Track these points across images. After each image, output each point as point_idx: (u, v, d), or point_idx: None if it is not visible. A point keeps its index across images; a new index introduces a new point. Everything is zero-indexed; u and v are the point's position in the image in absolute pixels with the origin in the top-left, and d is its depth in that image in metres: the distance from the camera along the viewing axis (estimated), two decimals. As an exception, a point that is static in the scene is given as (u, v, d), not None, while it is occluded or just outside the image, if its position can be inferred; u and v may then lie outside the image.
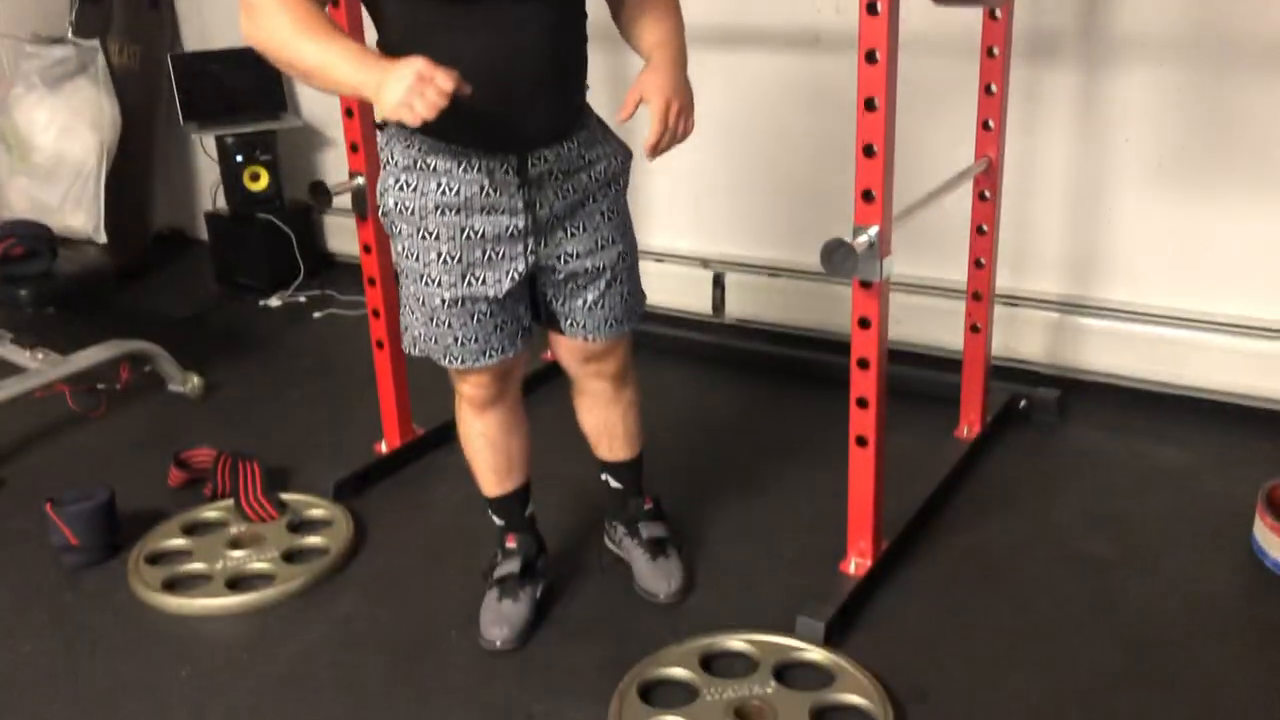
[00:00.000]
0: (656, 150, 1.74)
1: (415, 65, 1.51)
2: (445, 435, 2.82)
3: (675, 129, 1.74)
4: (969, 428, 2.70)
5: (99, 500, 2.38)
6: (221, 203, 4.16)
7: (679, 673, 1.95)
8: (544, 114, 1.77)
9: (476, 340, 1.90)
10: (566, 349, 2.04)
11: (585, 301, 1.92)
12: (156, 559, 2.39)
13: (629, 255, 1.95)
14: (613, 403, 2.13)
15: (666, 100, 1.72)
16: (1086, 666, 1.96)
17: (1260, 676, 1.91)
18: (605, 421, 2.16)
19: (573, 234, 1.86)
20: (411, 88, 1.50)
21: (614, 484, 2.24)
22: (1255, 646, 1.99)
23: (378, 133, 1.85)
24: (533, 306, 1.95)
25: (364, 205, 2.53)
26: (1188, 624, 2.06)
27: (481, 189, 1.78)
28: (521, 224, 1.81)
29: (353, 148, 2.51)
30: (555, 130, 1.80)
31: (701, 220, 3.43)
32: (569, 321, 1.95)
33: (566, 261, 1.87)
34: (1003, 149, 2.49)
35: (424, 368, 1.95)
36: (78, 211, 3.92)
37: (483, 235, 1.81)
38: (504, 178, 1.78)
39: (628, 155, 1.93)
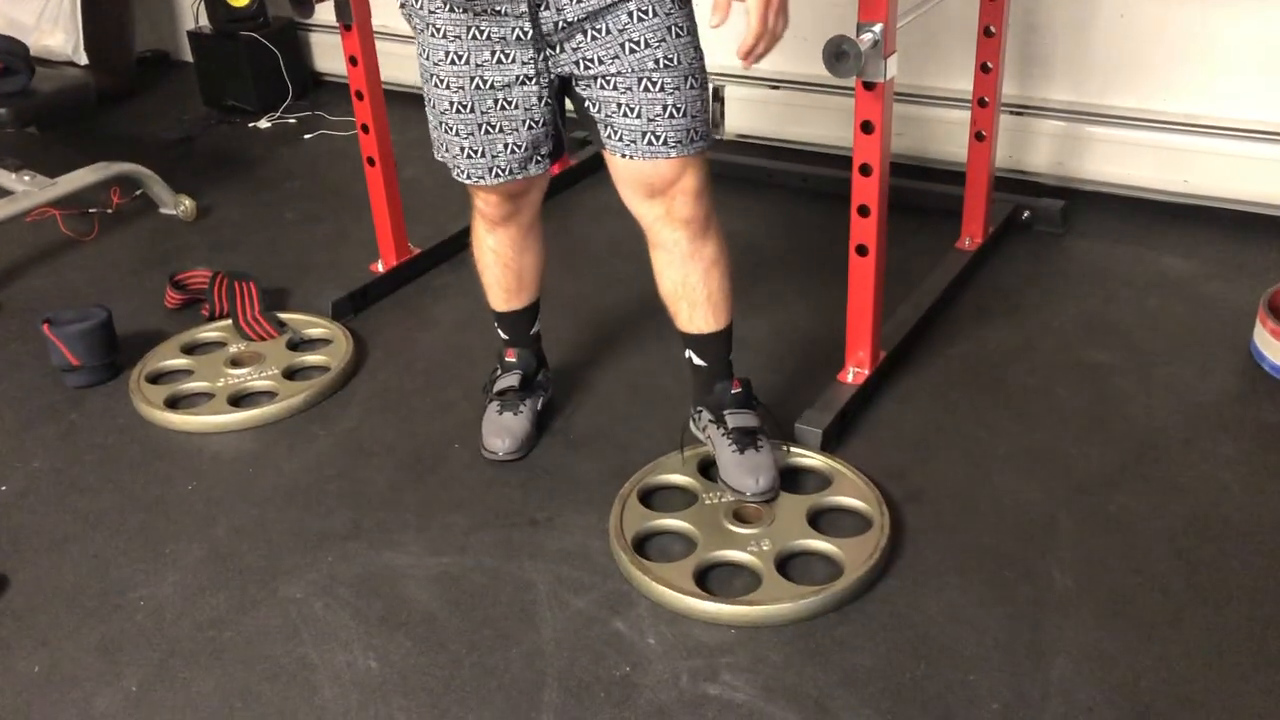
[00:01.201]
0: (753, 54, 1.60)
1: None
2: (442, 255, 2.80)
3: (775, 30, 1.60)
4: (971, 239, 2.67)
5: (96, 320, 2.38)
6: (204, 21, 4.02)
7: (678, 479, 1.98)
8: None
9: (483, 155, 1.82)
10: (621, 179, 1.82)
11: (620, 105, 1.72)
12: (158, 378, 2.40)
13: (676, 66, 1.70)
14: (690, 259, 1.85)
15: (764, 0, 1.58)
16: (1081, 468, 1.99)
17: (1255, 478, 1.94)
18: (682, 282, 1.88)
19: (594, 36, 1.68)
20: None
21: (696, 361, 1.97)
22: (1251, 448, 2.01)
23: None
24: (590, 126, 1.80)
25: (348, 13, 2.43)
26: (1184, 427, 2.08)
27: None
28: (527, 28, 1.68)
29: (334, -49, 2.40)
30: None
31: (700, 31, 3.30)
32: (606, 130, 1.75)
33: (587, 67, 1.70)
34: (1014, -56, 2.38)
35: (418, 187, 1.91)
36: (55, 30, 3.78)
37: (489, 36, 1.71)
38: None
39: None
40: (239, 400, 2.31)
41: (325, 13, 2.45)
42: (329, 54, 4.13)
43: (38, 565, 1.91)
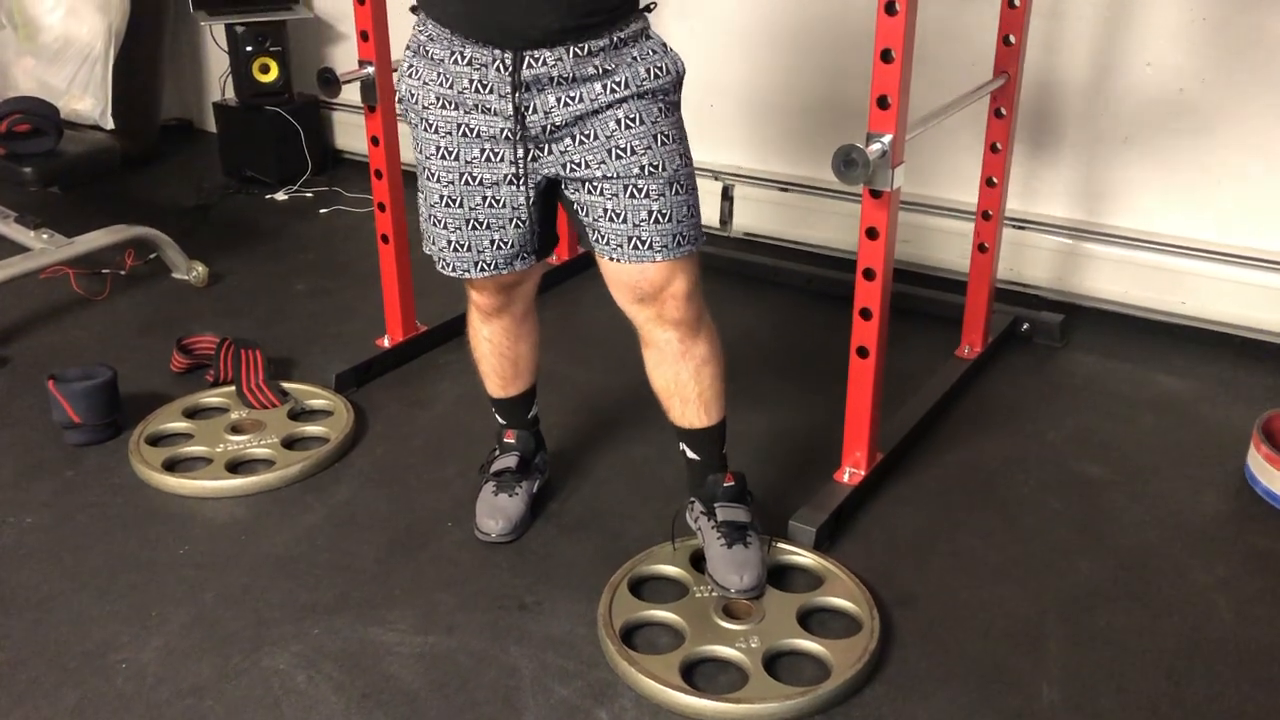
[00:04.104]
0: None
1: None
2: (448, 333, 2.84)
3: None
4: (970, 348, 2.71)
5: (101, 379, 2.40)
6: (230, 94, 4.12)
7: (670, 570, 1.98)
8: (544, 10, 1.62)
9: (469, 249, 1.84)
10: (611, 280, 1.84)
11: (606, 211, 1.74)
12: (157, 440, 2.42)
13: (662, 171, 1.72)
14: (681, 359, 1.87)
15: None
16: (1071, 581, 1.99)
17: (1244, 601, 1.94)
18: (674, 380, 1.90)
19: (581, 141, 1.71)
20: None
21: (690, 454, 1.99)
22: (1241, 571, 2.01)
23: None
24: (579, 228, 1.83)
25: (373, 95, 2.50)
26: (1175, 546, 2.08)
27: (472, 84, 1.69)
28: (515, 128, 1.70)
29: (363, 36, 2.47)
30: (559, 31, 1.63)
31: (714, 131, 3.39)
32: (594, 234, 1.78)
33: (573, 170, 1.73)
34: (1022, 65, 2.45)
35: (428, 266, 1.95)
36: (85, 96, 3.88)
37: (478, 134, 1.73)
38: (496, 75, 1.67)
39: (675, 75, 1.73)
40: (237, 467, 2.32)
41: (350, 93, 2.52)
42: (349, 132, 4.22)
43: (21, 621, 1.90)
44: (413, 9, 1.78)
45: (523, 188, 1.77)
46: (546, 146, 1.73)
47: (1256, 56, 2.62)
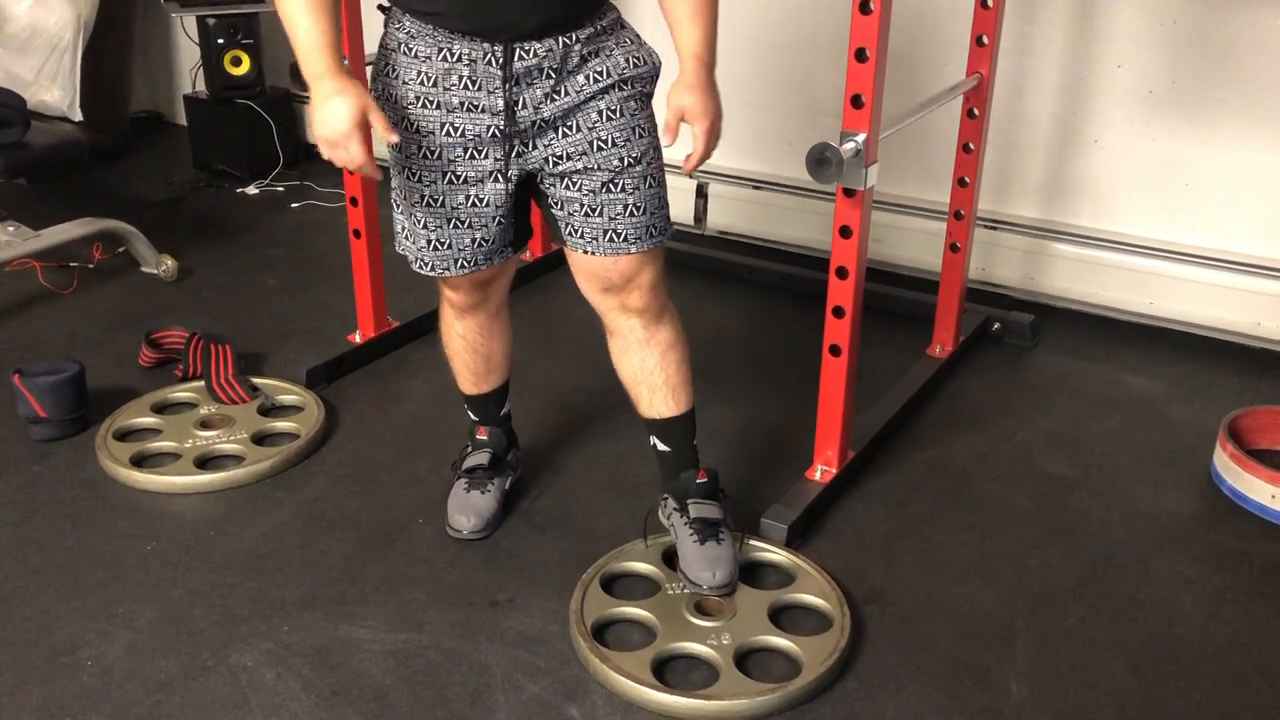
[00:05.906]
0: (695, 168, 1.77)
1: (334, 126, 1.60)
2: (420, 328, 2.82)
3: (713, 148, 1.78)
4: (941, 347, 2.72)
5: (68, 373, 2.37)
6: (201, 86, 4.08)
7: (642, 567, 1.98)
8: (538, 3, 1.63)
9: (449, 247, 1.83)
10: (579, 271, 1.85)
11: (582, 205, 1.76)
12: (125, 435, 2.39)
13: (638, 165, 1.75)
14: (645, 345, 1.88)
15: (711, 124, 1.76)
16: (1040, 579, 2.00)
17: (1209, 598, 1.96)
18: (640, 368, 1.91)
19: (564, 133, 1.72)
20: (326, 141, 1.63)
21: (661, 447, 1.98)
22: (1207, 569, 2.04)
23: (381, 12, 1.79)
24: (551, 223, 1.84)
25: (346, 89, 2.48)
26: (1142, 544, 2.10)
27: (461, 80, 1.68)
28: (502, 126, 1.70)
29: (336, 29, 2.45)
30: (549, 20, 1.65)
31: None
32: (568, 229, 1.79)
33: (556, 163, 1.74)
34: (994, 66, 2.46)
35: (400, 262, 1.94)
36: (52, 87, 3.83)
37: (463, 133, 1.72)
38: (486, 70, 1.66)
39: (652, 67, 1.77)
40: (206, 462, 2.30)
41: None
42: (322, 126, 4.19)
43: (-14, 618, 1.88)
44: (381, 8, 1.77)
45: (504, 183, 1.77)
46: (532, 141, 1.73)
47: (1226, 59, 2.65)
